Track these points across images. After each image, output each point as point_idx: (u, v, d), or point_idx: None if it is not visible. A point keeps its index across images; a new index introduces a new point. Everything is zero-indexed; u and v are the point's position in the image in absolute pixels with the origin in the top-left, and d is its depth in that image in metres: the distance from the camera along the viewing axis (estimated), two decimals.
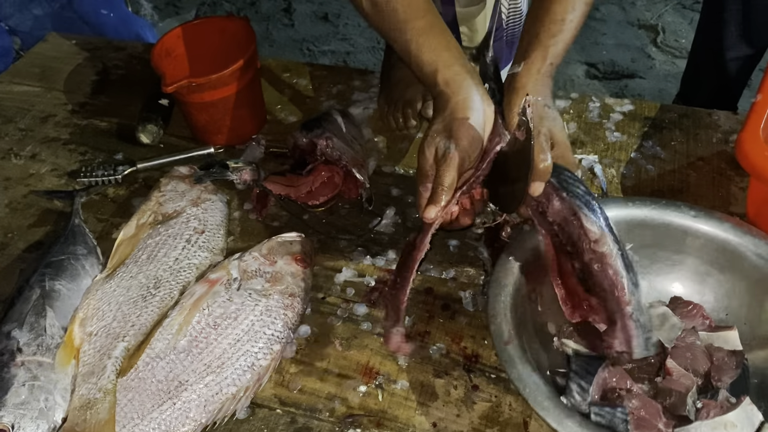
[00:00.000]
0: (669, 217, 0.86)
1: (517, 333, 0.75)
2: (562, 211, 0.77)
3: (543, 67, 0.81)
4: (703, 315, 0.82)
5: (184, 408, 0.77)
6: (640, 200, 0.88)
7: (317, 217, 1.03)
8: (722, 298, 0.85)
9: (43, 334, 0.81)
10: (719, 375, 0.76)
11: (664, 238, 0.86)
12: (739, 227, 0.84)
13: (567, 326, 0.81)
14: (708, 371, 0.77)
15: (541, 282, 0.83)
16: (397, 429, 0.78)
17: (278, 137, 1.17)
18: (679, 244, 0.86)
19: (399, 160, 1.12)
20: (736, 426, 0.70)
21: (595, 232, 0.74)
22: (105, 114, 1.25)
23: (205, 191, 1.02)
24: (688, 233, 0.85)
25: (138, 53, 1.39)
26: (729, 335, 0.80)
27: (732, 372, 0.76)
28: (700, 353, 0.78)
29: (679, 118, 1.16)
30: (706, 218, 0.85)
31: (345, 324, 0.89)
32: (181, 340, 0.80)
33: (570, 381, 0.75)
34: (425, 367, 0.83)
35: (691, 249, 0.86)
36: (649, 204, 0.87)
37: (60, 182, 1.12)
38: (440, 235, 0.98)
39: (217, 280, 0.86)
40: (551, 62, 0.81)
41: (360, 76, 1.28)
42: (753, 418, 0.71)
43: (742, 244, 0.83)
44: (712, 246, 0.85)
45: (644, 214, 0.87)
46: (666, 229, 0.86)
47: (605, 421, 0.71)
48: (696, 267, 0.86)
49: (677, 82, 2.20)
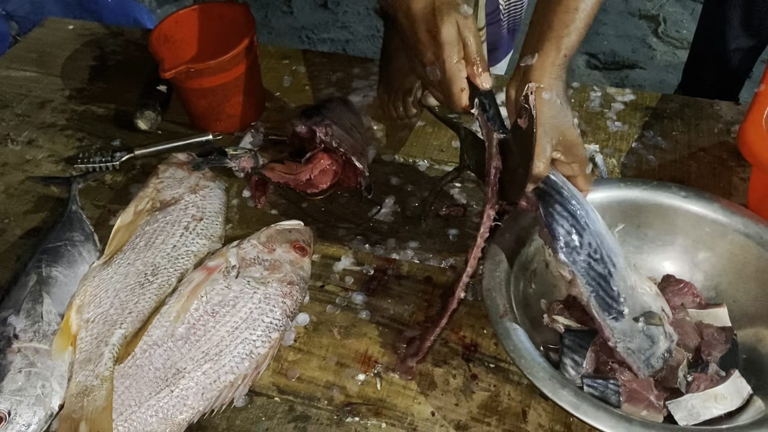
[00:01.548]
0: (660, 198, 0.87)
1: (512, 307, 0.76)
2: (546, 242, 0.76)
3: (557, 59, 0.77)
4: (694, 293, 0.83)
5: (181, 395, 0.76)
6: (632, 181, 0.90)
7: (316, 205, 1.03)
8: (712, 277, 0.86)
9: (39, 320, 0.81)
10: (709, 350, 0.77)
11: (655, 218, 0.88)
12: (728, 207, 0.85)
13: (557, 303, 0.82)
14: (698, 346, 0.78)
15: None
16: (396, 418, 0.78)
17: (277, 125, 1.16)
18: (670, 224, 0.88)
19: (399, 148, 1.11)
20: (726, 398, 0.72)
21: (566, 276, 0.74)
22: (102, 100, 1.24)
23: (204, 178, 1.02)
24: (679, 213, 0.87)
25: (136, 39, 1.38)
26: (718, 312, 0.81)
27: (722, 347, 0.77)
28: (690, 329, 0.79)
29: (681, 108, 1.15)
30: (696, 199, 0.86)
31: (344, 312, 0.88)
32: (179, 328, 0.80)
33: (563, 356, 0.76)
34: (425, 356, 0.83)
35: (682, 229, 0.87)
36: (640, 185, 0.89)
37: (57, 168, 1.11)
38: (440, 223, 0.98)
39: (215, 268, 0.86)
40: (565, 53, 0.78)
41: (360, 64, 1.27)
42: (742, 390, 0.73)
43: (731, 223, 0.84)
44: (702, 226, 0.86)
45: (635, 195, 0.88)
46: (657, 209, 0.87)
47: (597, 392, 0.73)
48: (687, 246, 0.88)
49: (678, 72, 2.19)
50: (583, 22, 0.78)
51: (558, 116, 0.76)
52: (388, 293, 0.90)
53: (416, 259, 0.94)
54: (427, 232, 0.98)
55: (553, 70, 0.77)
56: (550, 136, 0.75)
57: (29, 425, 0.74)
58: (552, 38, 0.77)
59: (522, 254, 0.84)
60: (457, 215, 0.99)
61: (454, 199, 1.01)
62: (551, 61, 0.77)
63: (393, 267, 0.93)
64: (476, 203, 1.01)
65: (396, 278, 0.92)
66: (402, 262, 0.94)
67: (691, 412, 0.72)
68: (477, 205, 1.00)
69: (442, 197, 1.01)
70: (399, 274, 0.92)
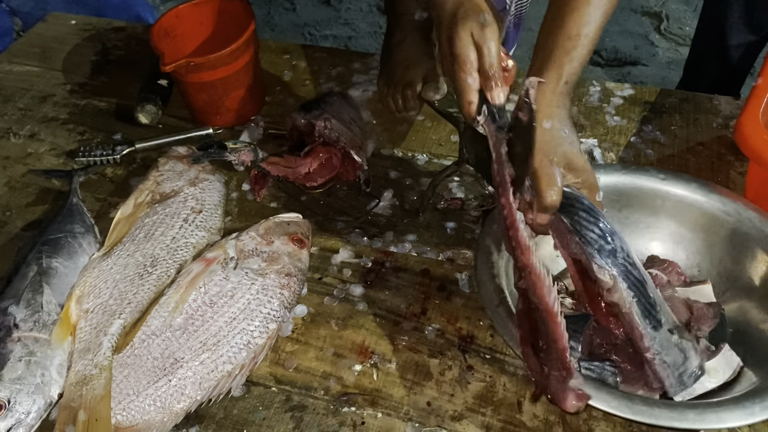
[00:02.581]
0: (639, 181, 0.88)
1: (506, 297, 0.77)
2: (577, 254, 0.73)
3: (558, 86, 0.76)
4: (678, 271, 0.85)
5: (179, 385, 0.77)
6: (611, 166, 0.91)
7: (315, 198, 1.03)
8: (694, 255, 0.88)
9: (39, 310, 0.82)
10: (699, 324, 0.78)
11: (636, 201, 0.89)
12: (705, 187, 0.87)
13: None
14: (688, 321, 0.79)
15: None
16: (392, 408, 0.78)
17: (277, 119, 1.16)
18: (651, 207, 0.89)
19: (398, 142, 1.12)
20: (718, 371, 0.73)
21: (606, 282, 0.70)
22: (104, 94, 1.25)
23: (203, 171, 1.02)
24: (658, 195, 0.88)
25: (137, 34, 1.39)
26: (703, 289, 0.83)
27: (711, 321, 0.78)
28: (679, 304, 0.80)
29: (680, 103, 1.15)
30: (674, 180, 0.88)
31: (341, 304, 0.89)
32: (177, 318, 0.81)
33: None
34: (420, 347, 0.84)
35: (663, 210, 0.88)
36: (619, 169, 0.90)
37: (58, 162, 1.12)
38: (438, 217, 0.99)
39: (213, 259, 0.86)
40: (566, 81, 0.76)
41: (359, 59, 1.28)
42: (732, 362, 0.74)
43: (708, 202, 0.86)
44: (682, 206, 0.87)
45: (615, 180, 0.88)
46: (638, 192, 0.88)
47: (595, 374, 0.73)
48: (668, 227, 0.89)
49: (680, 69, 2.19)
50: (586, 48, 0.77)
51: (563, 144, 0.74)
52: (386, 285, 0.91)
53: (414, 252, 0.95)
54: (425, 225, 0.98)
55: (553, 98, 0.75)
56: (556, 165, 0.73)
57: (29, 413, 0.75)
58: (553, 66, 0.76)
59: None
60: (455, 208, 1.00)
61: (452, 193, 1.02)
62: (551, 89, 0.75)
63: (391, 259, 0.94)
64: (474, 197, 1.01)
65: (394, 270, 0.92)
66: (399, 254, 0.94)
67: None
68: (475, 198, 1.01)
69: (440, 191, 1.02)
70: (397, 267, 0.93)
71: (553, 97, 0.75)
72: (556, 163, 0.73)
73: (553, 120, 0.75)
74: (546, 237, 0.76)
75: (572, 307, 0.83)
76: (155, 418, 0.76)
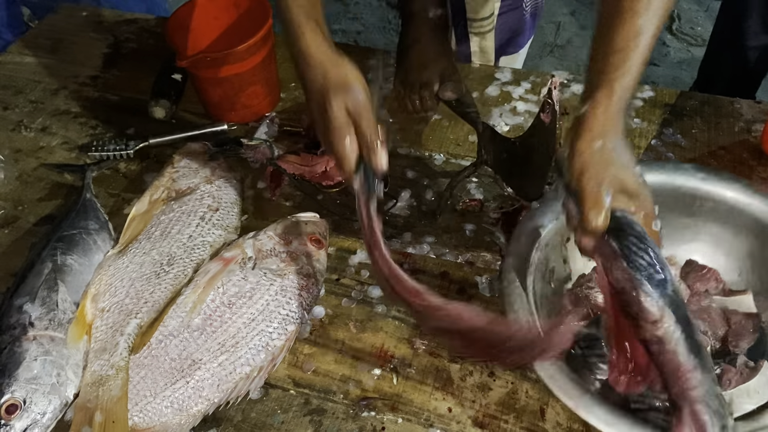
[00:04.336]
0: (678, 181, 0.84)
1: (530, 307, 0.75)
2: (621, 281, 0.68)
3: (610, 105, 0.70)
4: (717, 278, 0.81)
5: (197, 386, 0.76)
6: (646, 164, 0.86)
7: (331, 197, 1.02)
8: (734, 260, 0.83)
9: (55, 308, 0.81)
10: (736, 340, 0.75)
11: (673, 201, 0.84)
12: (747, 189, 0.82)
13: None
14: (725, 335, 0.75)
15: None
16: (412, 413, 0.77)
17: (292, 115, 1.15)
18: (689, 207, 0.84)
19: (415, 141, 1.10)
20: (758, 391, 0.70)
21: (654, 313, 0.64)
22: (116, 88, 1.23)
23: (219, 168, 1.01)
24: (697, 196, 0.83)
25: (150, 27, 1.37)
26: (743, 299, 0.79)
27: (749, 336, 0.75)
28: (717, 316, 0.76)
29: (701, 106, 1.14)
30: (714, 180, 0.83)
31: (359, 306, 0.88)
32: (195, 318, 0.79)
33: (588, 359, 0.74)
34: (440, 351, 0.82)
35: (702, 211, 0.84)
36: (655, 168, 0.84)
37: (71, 156, 1.10)
38: (456, 218, 0.97)
39: (231, 259, 0.85)
40: (620, 96, 0.71)
41: (374, 56, 1.26)
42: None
43: (753, 203, 0.81)
44: (723, 208, 0.83)
45: (650, 178, 0.81)
46: (675, 192, 0.84)
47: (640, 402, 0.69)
48: (708, 229, 0.84)
49: (692, 69, 2.18)
50: (639, 58, 0.71)
51: (614, 165, 0.70)
52: None
53: (432, 254, 0.93)
54: (443, 226, 0.97)
55: (606, 118, 0.70)
56: (606, 187, 0.68)
57: (44, 414, 0.74)
58: (603, 85, 0.71)
59: (537, 252, 0.83)
60: (474, 210, 0.98)
61: (471, 194, 1.00)
62: (603, 109, 0.71)
63: (409, 261, 0.93)
64: (493, 198, 1.00)
65: (412, 272, 0.91)
66: (418, 256, 0.93)
67: None
68: (494, 200, 1.00)
69: (458, 192, 1.00)
70: (415, 269, 0.92)
71: (605, 116, 0.71)
72: (608, 185, 0.68)
73: (604, 140, 0.70)
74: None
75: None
76: (172, 420, 0.75)
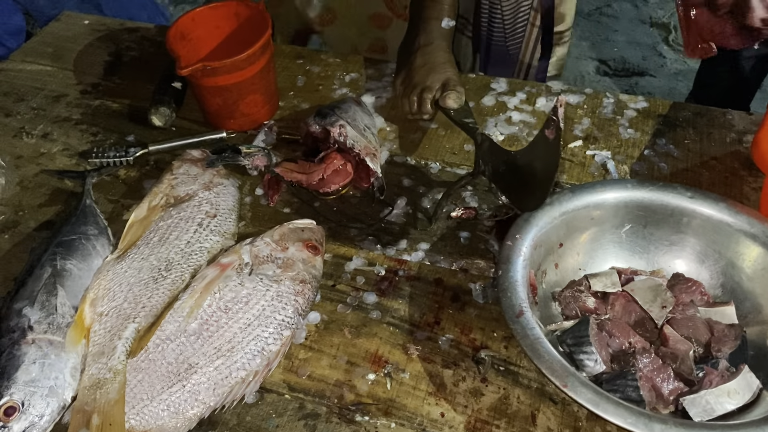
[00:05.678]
0: (666, 199, 0.88)
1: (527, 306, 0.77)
2: None
3: None
4: (702, 291, 0.85)
5: (193, 390, 0.77)
6: (639, 182, 0.90)
7: (328, 204, 1.03)
8: (718, 276, 0.87)
9: (54, 312, 0.82)
10: (719, 346, 0.79)
11: (662, 218, 0.89)
12: (732, 207, 0.86)
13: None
14: (708, 341, 0.80)
15: None
16: (405, 418, 0.78)
17: (290, 124, 1.16)
18: (677, 224, 0.88)
19: (411, 150, 1.12)
20: (738, 393, 0.73)
21: None
22: (117, 95, 1.25)
23: (218, 175, 1.02)
24: (685, 214, 0.87)
25: (151, 35, 1.39)
26: (726, 310, 0.83)
27: (731, 343, 0.79)
28: (700, 324, 0.81)
29: (693, 117, 1.15)
30: (701, 199, 0.87)
31: (354, 312, 0.89)
32: (192, 323, 0.81)
33: (575, 356, 0.77)
34: (434, 357, 0.84)
35: (689, 229, 0.88)
36: (647, 186, 0.89)
37: (71, 162, 1.12)
38: (451, 226, 0.99)
39: (228, 265, 0.86)
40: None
41: (373, 65, 1.28)
42: (752, 384, 0.74)
43: (736, 223, 0.85)
44: (707, 225, 0.87)
45: (642, 196, 0.88)
46: (664, 209, 0.88)
47: (619, 393, 0.73)
48: (693, 246, 0.89)
49: (688, 81, 2.20)
50: None
51: None
52: (399, 294, 0.91)
53: (427, 261, 0.95)
54: (438, 234, 0.98)
55: None
56: None
57: (42, 416, 0.75)
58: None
59: (534, 255, 0.84)
60: (468, 218, 1.00)
61: (466, 202, 1.02)
62: None
63: (404, 268, 0.94)
64: (488, 207, 1.01)
65: (407, 279, 0.92)
66: (413, 263, 0.94)
67: (705, 408, 0.73)
68: (488, 208, 1.01)
69: (453, 200, 1.02)
70: (410, 275, 0.93)
71: None
72: None
73: None
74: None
75: (595, 307, 0.83)
76: (169, 424, 0.75)
